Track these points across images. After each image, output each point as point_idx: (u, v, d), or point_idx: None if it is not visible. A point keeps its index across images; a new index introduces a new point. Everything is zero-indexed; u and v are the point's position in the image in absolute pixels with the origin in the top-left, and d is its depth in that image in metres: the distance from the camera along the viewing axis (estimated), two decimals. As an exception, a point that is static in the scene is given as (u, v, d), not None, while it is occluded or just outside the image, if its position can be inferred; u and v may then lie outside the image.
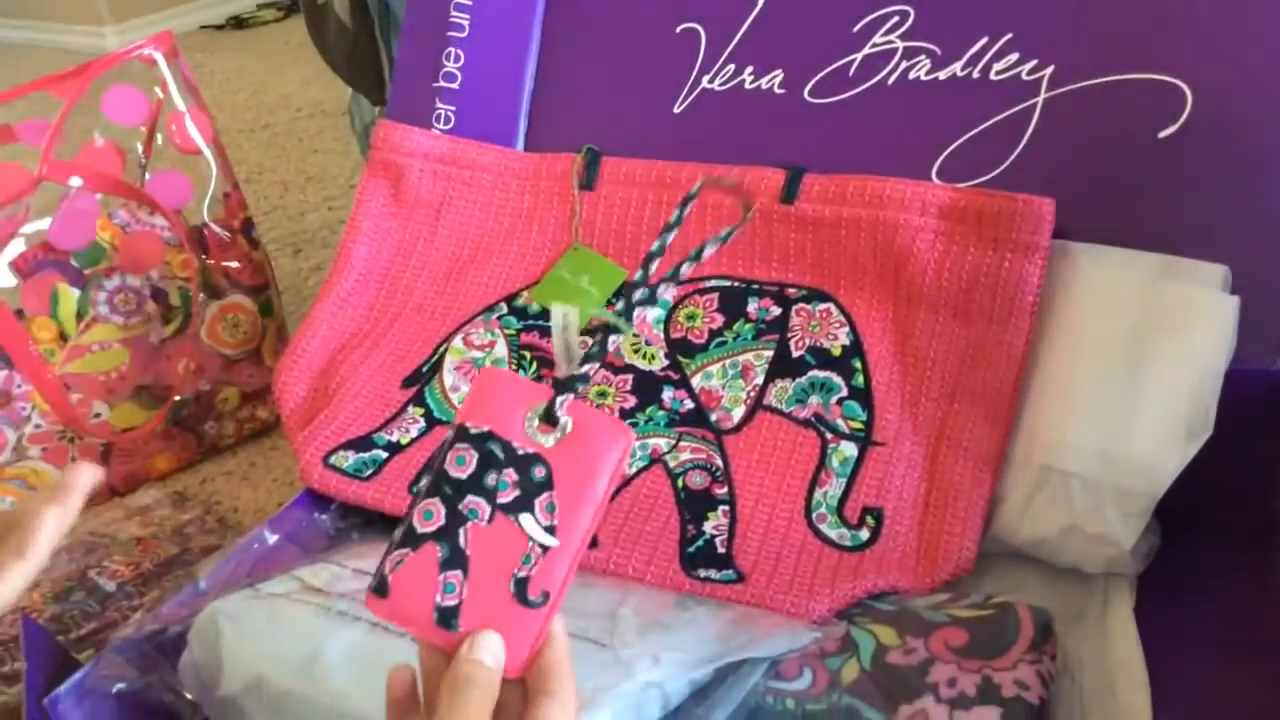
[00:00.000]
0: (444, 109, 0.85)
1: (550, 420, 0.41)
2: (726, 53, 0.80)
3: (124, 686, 0.58)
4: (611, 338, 0.42)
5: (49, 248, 0.90)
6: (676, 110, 0.81)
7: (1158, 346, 0.62)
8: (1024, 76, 0.71)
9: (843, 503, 0.67)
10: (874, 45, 0.75)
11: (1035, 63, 0.71)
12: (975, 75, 0.72)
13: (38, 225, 0.88)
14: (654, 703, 0.51)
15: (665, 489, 0.69)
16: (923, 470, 0.67)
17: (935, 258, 0.70)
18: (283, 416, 0.78)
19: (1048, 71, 0.71)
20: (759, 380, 0.72)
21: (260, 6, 2.62)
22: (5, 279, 0.88)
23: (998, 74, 0.72)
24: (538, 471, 0.40)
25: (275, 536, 0.68)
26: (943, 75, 0.73)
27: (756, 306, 0.75)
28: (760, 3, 0.79)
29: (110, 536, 0.87)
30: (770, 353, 0.73)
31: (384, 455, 0.73)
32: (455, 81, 0.85)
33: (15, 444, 0.91)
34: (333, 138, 1.75)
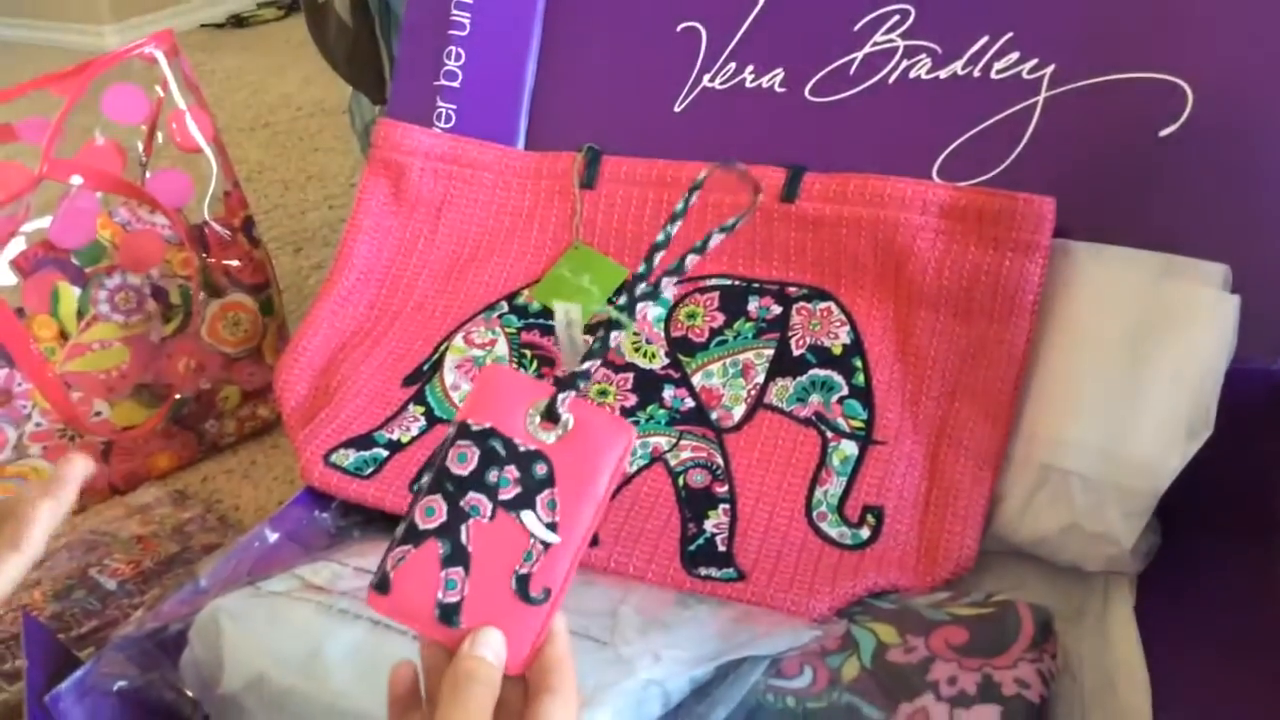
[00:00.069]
0: (445, 107, 0.85)
1: (552, 417, 0.41)
2: (727, 51, 0.80)
3: (125, 684, 0.58)
4: (613, 333, 0.42)
5: (50, 246, 0.90)
6: (677, 109, 0.81)
7: (1158, 345, 0.62)
8: (1025, 75, 0.71)
9: (843, 501, 0.67)
10: (874, 44, 0.75)
11: (1036, 61, 0.71)
12: (976, 74, 0.72)
13: (38, 224, 0.88)
14: (655, 700, 0.51)
15: (666, 487, 0.69)
16: (923, 469, 0.67)
17: (936, 256, 0.70)
18: (283, 415, 0.78)
19: (1048, 70, 0.71)
20: (759, 379, 0.72)
21: (261, 5, 2.62)
22: (6, 277, 0.88)
23: (998, 73, 0.72)
24: (539, 468, 0.40)
25: (276, 535, 0.68)
26: (943, 74, 0.73)
27: (757, 305, 0.75)
28: (761, 2, 0.79)
29: (111, 535, 0.87)
30: (771, 351, 0.73)
31: (385, 454, 0.73)
32: (456, 80, 0.85)
33: (16, 442, 0.91)
34: (333, 136, 1.75)
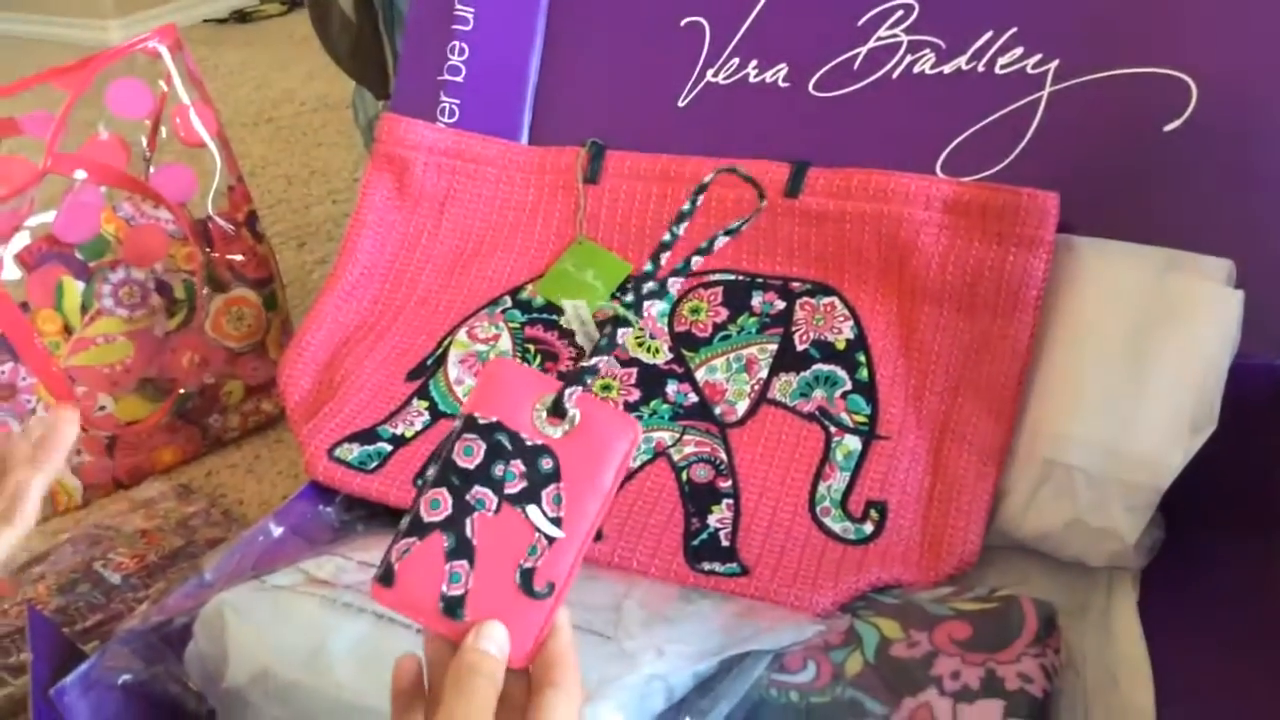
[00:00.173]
0: (448, 102, 0.84)
1: (558, 412, 0.41)
2: (731, 46, 0.80)
3: (129, 678, 0.59)
4: (620, 330, 0.42)
5: (54, 241, 0.90)
6: (681, 104, 0.81)
7: (1162, 341, 0.62)
8: (1029, 70, 0.71)
9: (847, 496, 0.67)
10: (878, 39, 0.75)
11: (1040, 57, 0.71)
12: (980, 69, 0.72)
13: (42, 218, 0.88)
14: (658, 695, 0.51)
15: (669, 482, 0.69)
16: (927, 464, 0.67)
17: (940, 252, 0.70)
18: (287, 409, 0.78)
19: (1052, 65, 0.70)
20: (763, 374, 0.72)
21: (264, 0, 2.62)
22: (10, 272, 0.88)
23: (1002, 68, 0.72)
24: (545, 463, 0.40)
25: (280, 529, 0.68)
26: (947, 69, 0.73)
27: (761, 300, 0.75)
28: (765, -4, 0.79)
29: (115, 529, 0.87)
30: (774, 346, 0.73)
31: (388, 448, 0.73)
32: (459, 75, 0.85)
33: (20, 436, 0.91)
34: (337, 131, 1.75)
